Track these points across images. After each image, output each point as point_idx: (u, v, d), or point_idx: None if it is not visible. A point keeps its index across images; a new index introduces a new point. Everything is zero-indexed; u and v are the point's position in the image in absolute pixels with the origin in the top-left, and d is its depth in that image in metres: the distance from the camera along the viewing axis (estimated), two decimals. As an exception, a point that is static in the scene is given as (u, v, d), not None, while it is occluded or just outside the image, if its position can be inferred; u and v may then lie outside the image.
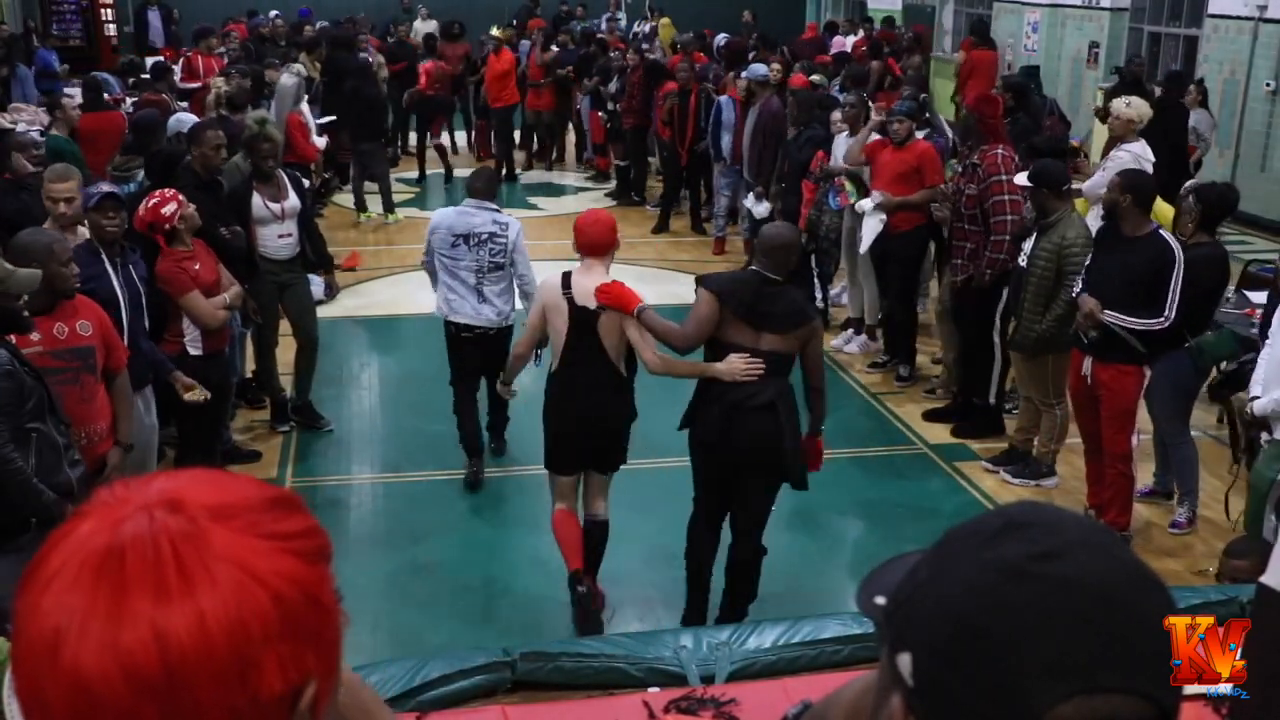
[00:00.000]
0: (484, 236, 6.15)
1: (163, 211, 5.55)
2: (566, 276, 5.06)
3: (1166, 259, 5.36)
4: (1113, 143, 7.53)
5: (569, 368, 5.06)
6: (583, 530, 5.16)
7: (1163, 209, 7.71)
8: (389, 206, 12.10)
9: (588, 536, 5.18)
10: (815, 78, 10.26)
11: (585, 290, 4.97)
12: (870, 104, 9.43)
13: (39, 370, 4.05)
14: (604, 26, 18.54)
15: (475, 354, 6.32)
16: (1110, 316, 5.41)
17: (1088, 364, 5.63)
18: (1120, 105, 7.55)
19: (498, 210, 6.28)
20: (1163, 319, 5.35)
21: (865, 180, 7.92)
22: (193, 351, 5.65)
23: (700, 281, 4.84)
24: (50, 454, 4.03)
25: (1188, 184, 6.13)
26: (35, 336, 4.23)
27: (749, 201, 9.79)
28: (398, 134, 14.98)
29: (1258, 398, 4.98)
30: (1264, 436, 5.15)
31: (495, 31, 14.86)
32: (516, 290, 6.28)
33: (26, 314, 4.08)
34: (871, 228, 7.69)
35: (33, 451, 3.97)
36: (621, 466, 5.28)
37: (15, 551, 3.91)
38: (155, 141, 7.53)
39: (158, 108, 9.12)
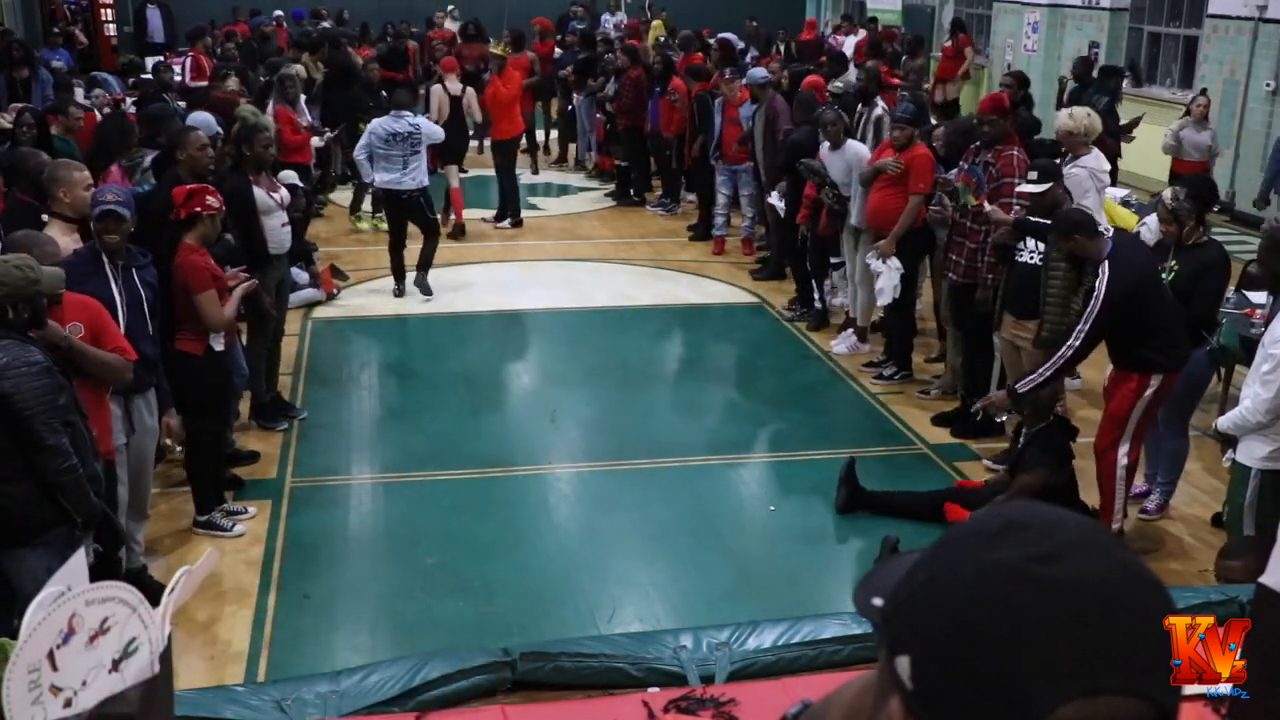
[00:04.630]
0: (405, 135, 9.45)
1: (207, 200, 5.66)
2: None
3: (1093, 292, 5.32)
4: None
5: None
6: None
7: (1118, 213, 7.71)
8: (353, 208, 11.98)
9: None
10: (838, 84, 10.24)
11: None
12: (867, 106, 9.44)
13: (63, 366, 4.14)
14: (605, 26, 18.55)
15: (400, 208, 9.61)
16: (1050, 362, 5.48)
17: (1109, 369, 5.66)
18: (1063, 117, 7.46)
19: (411, 115, 9.72)
20: (1067, 349, 5.36)
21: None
22: (217, 348, 5.75)
23: None
24: (82, 448, 4.14)
25: (1165, 191, 6.08)
26: None
27: (773, 198, 9.77)
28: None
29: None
30: (1227, 455, 5.14)
31: (497, 49, 13.20)
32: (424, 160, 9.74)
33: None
34: (888, 278, 7.64)
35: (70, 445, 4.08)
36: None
37: (43, 546, 3.96)
38: (165, 133, 7.52)
39: (225, 104, 9.11)
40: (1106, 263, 5.28)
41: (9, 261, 4.10)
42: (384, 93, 12.53)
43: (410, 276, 9.80)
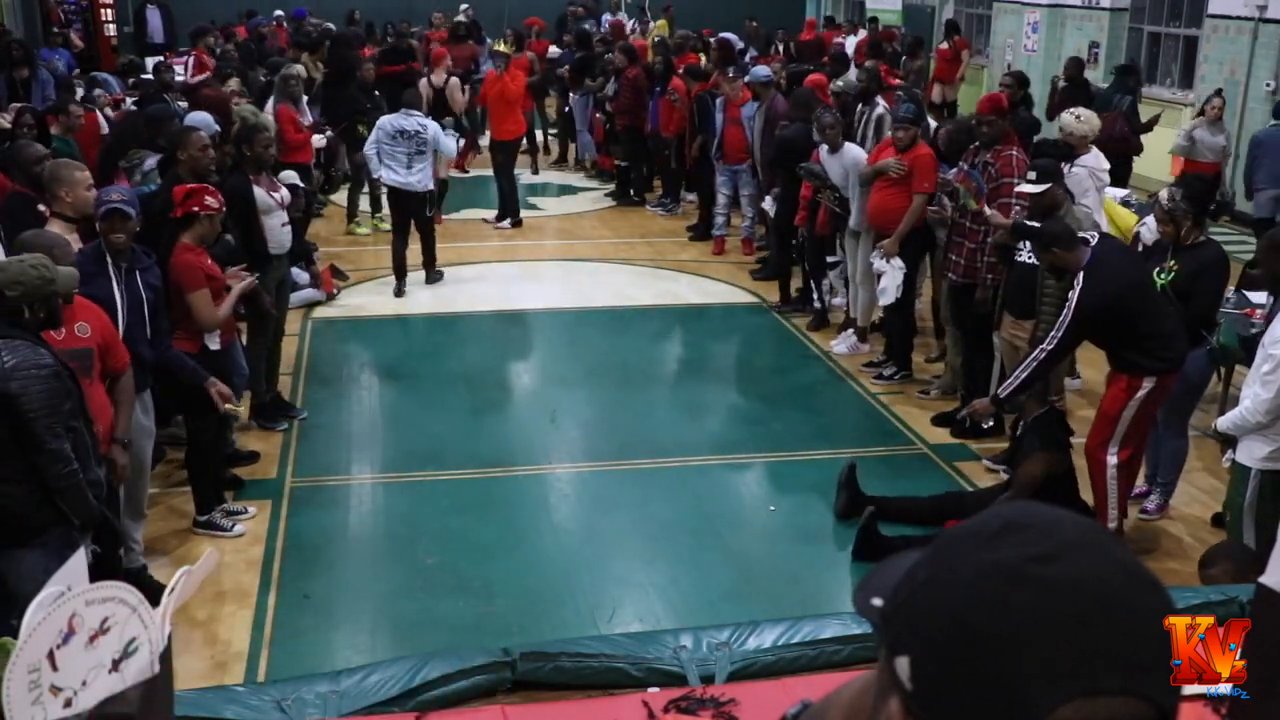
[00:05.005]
0: (412, 133, 9.61)
1: (205, 199, 5.68)
2: None
3: (1067, 303, 5.32)
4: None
5: None
6: None
7: (1118, 213, 7.69)
8: (350, 215, 11.95)
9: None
10: (839, 83, 10.24)
11: None
12: (868, 106, 9.44)
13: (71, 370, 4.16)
14: (606, 25, 18.56)
15: (402, 204, 9.79)
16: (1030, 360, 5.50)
17: (1108, 369, 5.68)
18: (1070, 120, 7.45)
19: (420, 115, 9.86)
20: (1041, 350, 5.37)
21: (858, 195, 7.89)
22: (212, 347, 5.77)
23: None
24: (84, 453, 4.14)
25: (1162, 191, 6.09)
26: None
27: (765, 203, 9.78)
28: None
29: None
30: (1227, 455, 5.15)
31: (501, 47, 13.11)
32: (436, 161, 9.97)
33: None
34: (891, 278, 7.65)
35: (71, 450, 4.08)
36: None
37: (40, 547, 3.97)
38: (164, 134, 7.53)
39: (218, 102, 9.09)
40: (1082, 273, 5.29)
41: (25, 261, 4.11)
42: (377, 92, 12.54)
43: (419, 277, 9.95)
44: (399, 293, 9.83)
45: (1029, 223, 6.16)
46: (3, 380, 3.88)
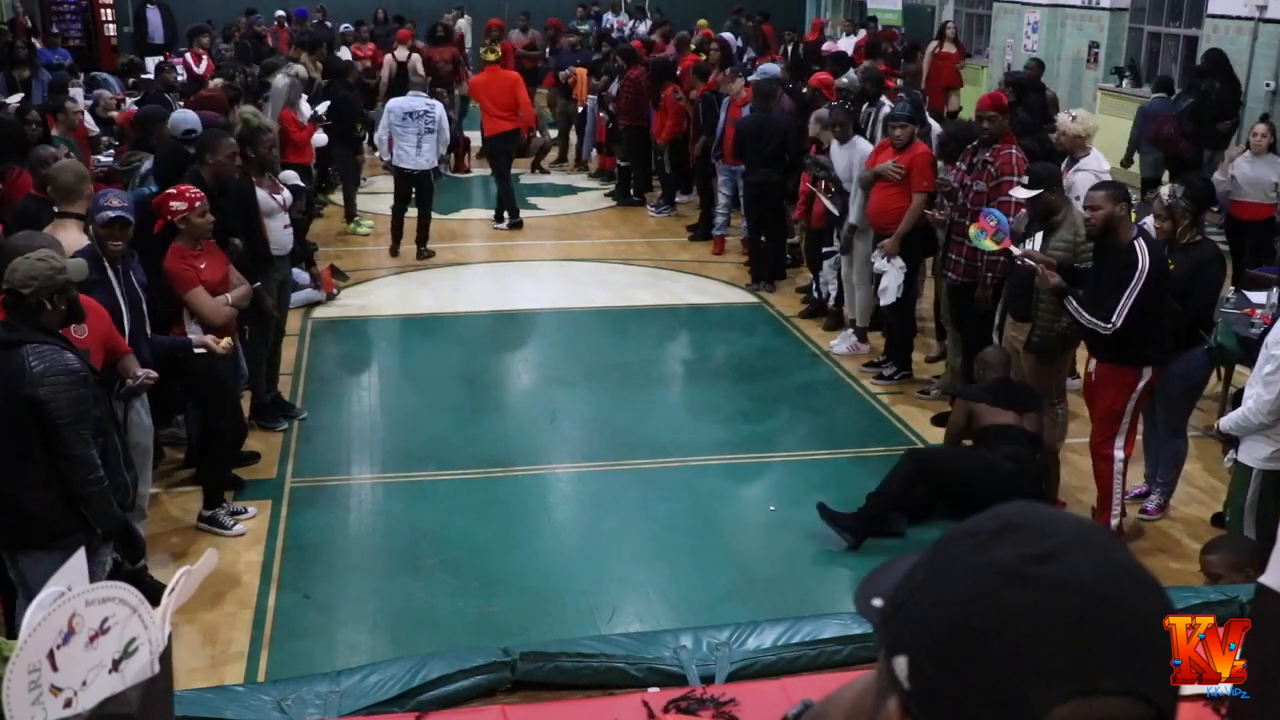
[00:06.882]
0: (420, 113, 10.36)
1: (170, 205, 5.68)
2: None
3: (1131, 269, 5.23)
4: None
5: None
6: None
7: None
8: (348, 215, 11.90)
9: None
10: (842, 80, 10.26)
11: None
12: (873, 107, 9.45)
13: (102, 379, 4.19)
14: (608, 24, 18.55)
15: (409, 185, 10.57)
16: (1070, 304, 5.42)
17: (1092, 364, 5.65)
18: (1064, 120, 7.45)
19: (427, 96, 10.67)
20: (1108, 325, 5.28)
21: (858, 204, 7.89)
22: (197, 351, 5.72)
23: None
24: (112, 461, 4.17)
25: (1164, 188, 6.09)
26: None
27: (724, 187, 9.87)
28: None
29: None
30: (1228, 456, 5.16)
31: (487, 54, 12.64)
32: (438, 144, 10.62)
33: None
34: (893, 277, 7.65)
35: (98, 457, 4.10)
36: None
37: (61, 551, 3.97)
38: (155, 135, 7.51)
39: (213, 101, 9.11)
40: (1139, 241, 5.25)
41: (30, 256, 4.10)
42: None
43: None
44: (394, 252, 10.73)
45: (1078, 264, 5.86)
46: (32, 386, 3.89)
